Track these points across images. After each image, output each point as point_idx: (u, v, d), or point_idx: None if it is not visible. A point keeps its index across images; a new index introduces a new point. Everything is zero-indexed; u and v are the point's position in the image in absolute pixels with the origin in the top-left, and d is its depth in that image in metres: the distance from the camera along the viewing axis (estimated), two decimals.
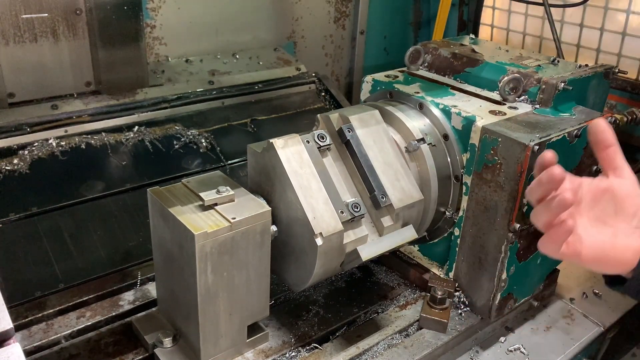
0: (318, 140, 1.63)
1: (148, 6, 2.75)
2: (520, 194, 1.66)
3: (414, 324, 1.86)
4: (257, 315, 1.66)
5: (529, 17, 3.42)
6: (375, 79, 2.09)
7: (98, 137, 2.33)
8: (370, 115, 1.74)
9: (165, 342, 1.64)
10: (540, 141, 1.63)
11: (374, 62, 3.77)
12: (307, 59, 3.33)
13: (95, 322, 1.79)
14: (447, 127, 1.83)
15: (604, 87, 2.08)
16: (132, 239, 2.15)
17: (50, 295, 1.87)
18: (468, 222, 1.82)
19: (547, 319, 2.07)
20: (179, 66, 2.86)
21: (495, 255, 1.76)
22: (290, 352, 1.70)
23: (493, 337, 1.95)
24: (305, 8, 3.34)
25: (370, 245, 1.62)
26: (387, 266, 2.13)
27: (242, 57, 3.06)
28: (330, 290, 2.00)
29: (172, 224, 1.49)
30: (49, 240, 2.02)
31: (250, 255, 1.53)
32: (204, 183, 1.59)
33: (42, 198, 2.10)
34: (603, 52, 3.07)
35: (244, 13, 3.08)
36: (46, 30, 2.30)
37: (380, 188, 1.63)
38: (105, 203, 2.20)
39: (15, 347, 0.98)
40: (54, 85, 2.39)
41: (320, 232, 1.50)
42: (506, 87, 1.89)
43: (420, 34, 3.99)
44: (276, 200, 1.60)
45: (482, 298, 1.85)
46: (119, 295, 1.91)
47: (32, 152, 2.18)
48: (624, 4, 2.90)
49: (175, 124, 2.53)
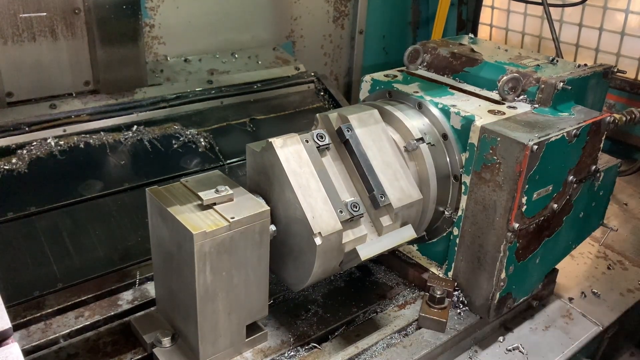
0: (317, 139, 1.63)
1: (147, 5, 2.75)
2: (519, 193, 1.66)
3: (413, 323, 1.86)
4: (256, 315, 1.66)
5: (528, 16, 3.42)
6: (374, 78, 2.09)
7: (97, 137, 2.33)
8: (369, 114, 1.74)
9: (164, 341, 1.64)
10: (539, 141, 1.63)
11: (373, 61, 3.77)
12: (306, 59, 3.33)
13: (93, 321, 1.78)
14: (446, 126, 1.83)
15: (602, 86, 2.08)
16: (131, 238, 2.14)
17: (48, 295, 1.87)
18: (467, 222, 1.82)
19: (546, 318, 2.07)
20: (178, 65, 2.86)
21: (494, 254, 1.76)
22: (289, 351, 1.70)
23: (492, 337, 1.95)
24: (304, 7, 3.34)
25: (369, 245, 1.62)
26: (386, 266, 2.13)
27: (241, 57, 3.06)
28: (329, 289, 2.00)
29: (170, 223, 1.48)
30: (48, 240, 2.02)
31: (249, 255, 1.53)
32: (203, 182, 1.59)
33: (41, 197, 2.10)
34: (602, 51, 3.08)
35: (242, 12, 3.08)
36: (45, 29, 2.30)
37: (379, 187, 1.63)
38: (103, 203, 2.20)
39: (14, 346, 0.98)
40: (52, 85, 2.39)
41: (319, 231, 1.50)
42: (505, 86, 1.89)
43: (419, 33, 3.99)
44: (275, 199, 1.60)
45: (481, 297, 1.85)
46: (118, 295, 1.91)
47: (30, 151, 2.18)
48: (622, 4, 2.91)
49: (174, 124, 2.53)
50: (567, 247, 2.06)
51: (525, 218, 1.73)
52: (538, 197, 1.73)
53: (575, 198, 1.92)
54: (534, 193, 1.71)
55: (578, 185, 1.90)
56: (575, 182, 1.85)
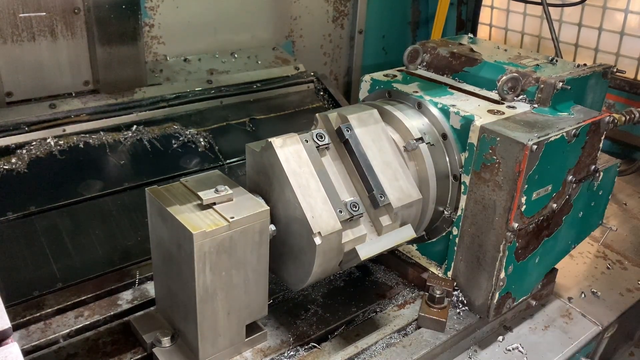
0: (317, 139, 1.63)
1: (146, 5, 2.75)
2: (519, 193, 1.66)
3: (413, 323, 1.86)
4: (256, 315, 1.66)
5: (527, 16, 3.42)
6: (374, 78, 2.09)
7: (96, 136, 2.33)
8: (369, 114, 1.75)
9: (164, 341, 1.63)
10: (538, 140, 1.63)
11: (372, 61, 3.77)
12: (306, 58, 3.33)
13: (93, 321, 1.78)
14: (445, 126, 1.84)
15: (602, 86, 2.08)
16: (131, 238, 2.14)
17: (48, 295, 1.87)
18: (466, 222, 1.82)
19: (546, 318, 2.07)
20: (178, 65, 2.86)
21: (494, 254, 1.76)
22: (288, 351, 1.70)
23: (491, 336, 1.95)
24: (303, 7, 3.34)
25: (369, 245, 1.62)
26: (386, 265, 2.13)
27: (241, 56, 3.06)
28: (329, 289, 2.00)
29: (170, 223, 1.48)
30: (47, 240, 2.02)
31: (249, 255, 1.53)
32: (203, 182, 1.59)
33: (40, 197, 2.10)
34: (601, 51, 3.08)
35: (242, 12, 3.08)
36: (44, 29, 2.30)
37: (378, 187, 1.63)
38: (103, 202, 2.20)
39: (13, 346, 0.98)
40: (52, 85, 2.39)
41: (319, 231, 1.50)
42: (505, 86, 1.89)
43: (418, 33, 3.99)
44: (275, 199, 1.60)
45: (480, 297, 1.85)
46: (117, 295, 1.91)
47: (30, 151, 2.18)
48: (622, 4, 2.91)
49: (174, 123, 2.53)
50: (566, 247, 2.06)
51: (525, 218, 1.73)
52: (537, 196, 1.74)
53: (574, 198, 1.92)
54: (533, 193, 1.71)
55: (577, 185, 1.90)
56: (575, 182, 1.85)
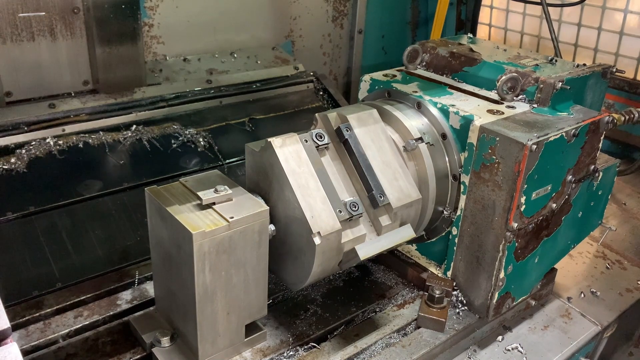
0: (316, 139, 1.63)
1: (146, 5, 2.74)
2: (518, 193, 1.66)
3: (412, 323, 1.86)
4: (255, 315, 1.66)
5: (526, 16, 3.42)
6: (373, 78, 2.09)
7: (96, 136, 2.33)
8: (369, 114, 1.74)
9: (163, 341, 1.63)
10: (538, 140, 1.63)
11: (372, 61, 3.77)
12: (305, 58, 3.33)
13: (92, 321, 1.78)
14: (445, 126, 1.84)
15: (601, 86, 2.08)
16: (130, 238, 2.14)
17: (47, 295, 1.87)
18: (466, 221, 1.83)
19: (545, 318, 2.07)
20: (177, 65, 2.86)
21: (493, 254, 1.76)
22: (288, 351, 1.70)
23: (491, 336, 1.96)
24: (303, 7, 3.34)
25: (368, 245, 1.62)
26: (385, 265, 2.13)
27: (240, 56, 3.06)
28: (328, 289, 2.00)
29: (170, 223, 1.48)
30: (47, 240, 2.02)
31: (248, 255, 1.53)
32: (202, 182, 1.59)
33: (40, 197, 2.10)
34: (601, 51, 3.08)
35: (242, 12, 3.08)
36: (43, 29, 2.30)
37: (378, 187, 1.63)
38: (102, 202, 2.20)
39: (13, 346, 0.98)
40: (51, 84, 2.39)
41: (318, 231, 1.50)
42: (504, 86, 1.89)
43: (418, 33, 3.99)
44: (274, 199, 1.60)
45: (480, 297, 1.85)
46: (117, 295, 1.91)
47: (29, 151, 2.18)
48: (621, 4, 2.91)
49: (173, 123, 2.53)
50: (566, 247, 2.06)
51: (524, 218, 1.73)
52: (537, 196, 1.74)
53: (574, 198, 1.92)
54: (532, 193, 1.71)
55: (577, 185, 1.90)
56: (574, 182, 1.85)
